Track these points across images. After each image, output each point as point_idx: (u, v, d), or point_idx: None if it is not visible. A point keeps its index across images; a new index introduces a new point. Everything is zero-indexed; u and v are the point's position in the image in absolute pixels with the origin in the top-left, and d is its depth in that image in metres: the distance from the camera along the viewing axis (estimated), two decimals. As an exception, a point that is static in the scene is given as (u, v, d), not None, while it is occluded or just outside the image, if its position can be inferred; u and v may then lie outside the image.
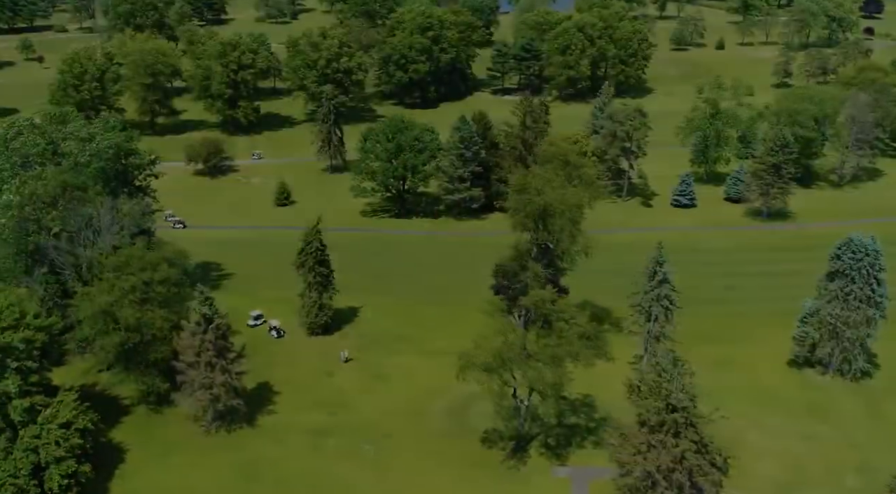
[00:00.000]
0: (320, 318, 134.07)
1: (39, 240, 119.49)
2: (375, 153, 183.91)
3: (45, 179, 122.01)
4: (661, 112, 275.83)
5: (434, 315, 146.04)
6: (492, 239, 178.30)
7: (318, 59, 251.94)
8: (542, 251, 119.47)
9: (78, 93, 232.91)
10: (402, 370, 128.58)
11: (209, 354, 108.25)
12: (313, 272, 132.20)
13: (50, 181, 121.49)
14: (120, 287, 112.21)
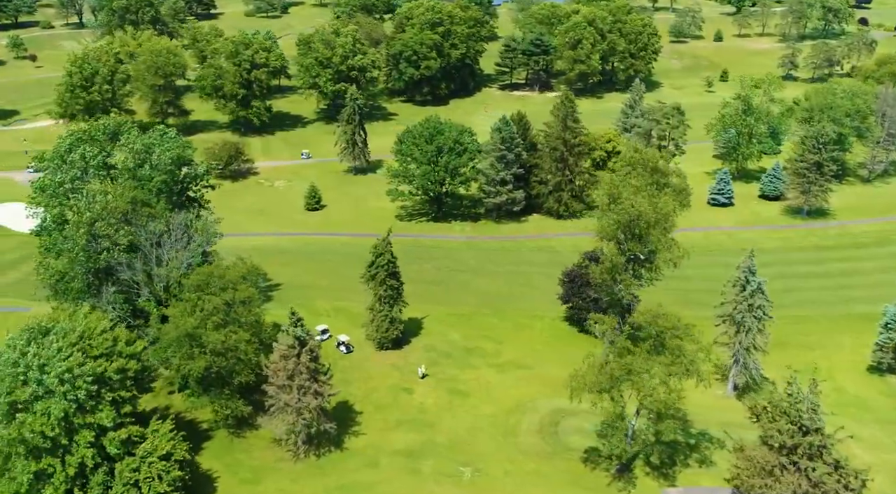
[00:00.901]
0: (391, 332, 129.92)
1: (111, 258, 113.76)
2: (414, 156, 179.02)
3: (114, 194, 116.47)
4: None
5: (496, 325, 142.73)
6: (535, 242, 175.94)
7: (331, 57, 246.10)
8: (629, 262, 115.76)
9: (88, 95, 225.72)
10: (479, 385, 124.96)
11: (303, 378, 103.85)
12: (385, 285, 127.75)
13: (120, 196, 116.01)
14: (202, 308, 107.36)
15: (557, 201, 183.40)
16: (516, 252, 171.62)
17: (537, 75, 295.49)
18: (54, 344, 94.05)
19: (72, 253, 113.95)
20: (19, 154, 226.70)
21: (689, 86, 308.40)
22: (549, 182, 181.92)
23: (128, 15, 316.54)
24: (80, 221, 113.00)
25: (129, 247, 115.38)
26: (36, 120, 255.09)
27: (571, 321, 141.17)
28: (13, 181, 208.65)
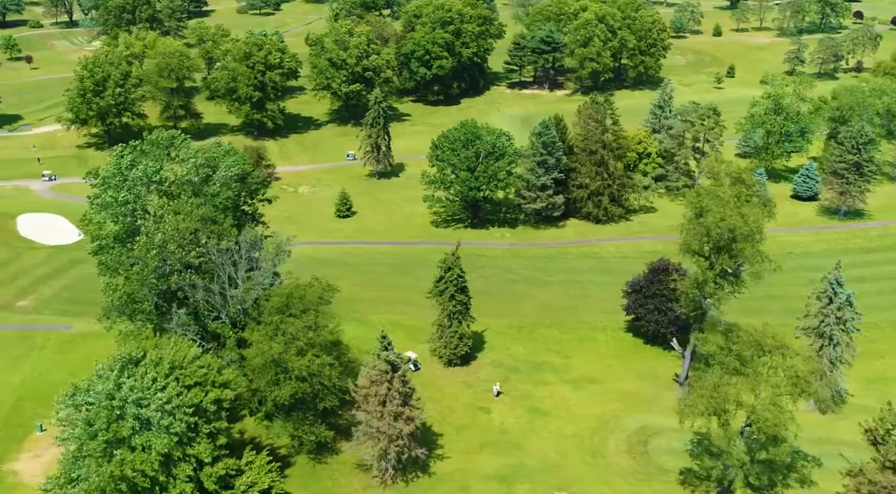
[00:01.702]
0: (461, 349, 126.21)
1: (182, 280, 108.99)
2: (452, 162, 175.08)
3: (184, 213, 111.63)
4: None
5: (559, 338, 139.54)
6: (579, 249, 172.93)
7: (346, 58, 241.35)
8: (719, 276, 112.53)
9: (101, 100, 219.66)
10: (556, 402, 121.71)
11: (396, 403, 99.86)
12: (454, 300, 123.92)
13: (189, 214, 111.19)
14: (284, 332, 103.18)
15: (597, 206, 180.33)
16: (562, 259, 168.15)
17: (546, 73, 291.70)
18: (149, 374, 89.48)
19: (141, 275, 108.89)
20: (30, 161, 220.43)
21: (697, 83, 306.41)
22: (588, 186, 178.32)
23: (124, 14, 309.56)
24: (151, 242, 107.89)
25: (199, 267, 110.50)
26: (41, 125, 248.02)
27: (635, 332, 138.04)
28: (30, 190, 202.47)
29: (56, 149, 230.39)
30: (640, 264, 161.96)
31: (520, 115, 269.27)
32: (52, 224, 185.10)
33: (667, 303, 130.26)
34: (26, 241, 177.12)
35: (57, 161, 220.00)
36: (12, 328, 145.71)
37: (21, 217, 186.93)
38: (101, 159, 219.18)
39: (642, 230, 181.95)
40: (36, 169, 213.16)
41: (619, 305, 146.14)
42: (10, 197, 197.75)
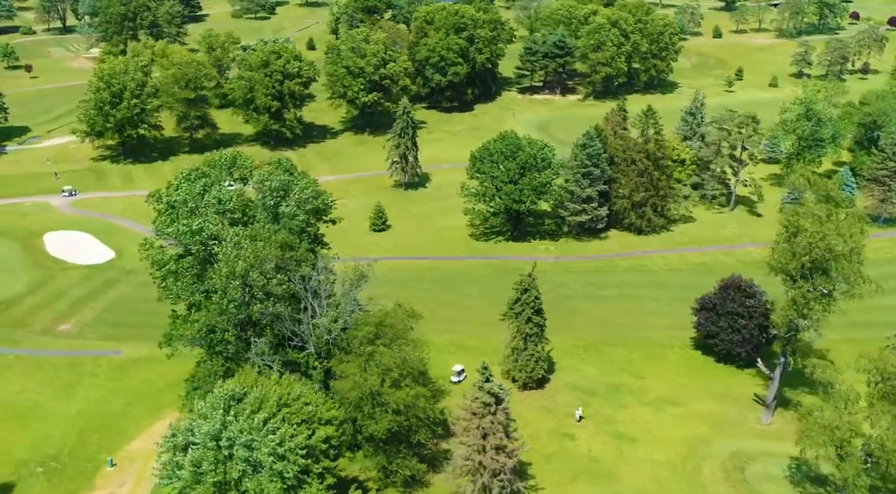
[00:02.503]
0: (537, 372, 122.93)
1: (265, 309, 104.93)
2: (494, 174, 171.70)
3: (264, 240, 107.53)
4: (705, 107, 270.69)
5: (627, 357, 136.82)
6: (627, 261, 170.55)
7: (364, 66, 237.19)
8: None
9: (118, 112, 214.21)
10: (640, 426, 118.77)
11: (499, 436, 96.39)
12: (531, 323, 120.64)
13: (269, 241, 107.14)
14: (378, 363, 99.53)
15: (640, 216, 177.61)
16: (612, 273, 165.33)
17: (559, 77, 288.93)
18: (259, 414, 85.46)
19: (221, 305, 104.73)
20: (47, 175, 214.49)
21: (707, 86, 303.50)
22: (631, 197, 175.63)
23: (126, 22, 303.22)
24: (233, 271, 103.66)
25: (281, 296, 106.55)
26: (51, 137, 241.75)
27: (705, 350, 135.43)
28: (51, 206, 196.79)
29: (70, 163, 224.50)
30: (692, 277, 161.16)
31: (535, 121, 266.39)
32: (81, 242, 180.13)
33: (740, 321, 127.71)
34: (57, 261, 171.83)
35: (73, 175, 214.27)
36: (59, 354, 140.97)
37: (48, 235, 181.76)
38: (118, 172, 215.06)
39: (685, 241, 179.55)
40: (54, 184, 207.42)
41: (680, 321, 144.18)
42: (33, 214, 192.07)
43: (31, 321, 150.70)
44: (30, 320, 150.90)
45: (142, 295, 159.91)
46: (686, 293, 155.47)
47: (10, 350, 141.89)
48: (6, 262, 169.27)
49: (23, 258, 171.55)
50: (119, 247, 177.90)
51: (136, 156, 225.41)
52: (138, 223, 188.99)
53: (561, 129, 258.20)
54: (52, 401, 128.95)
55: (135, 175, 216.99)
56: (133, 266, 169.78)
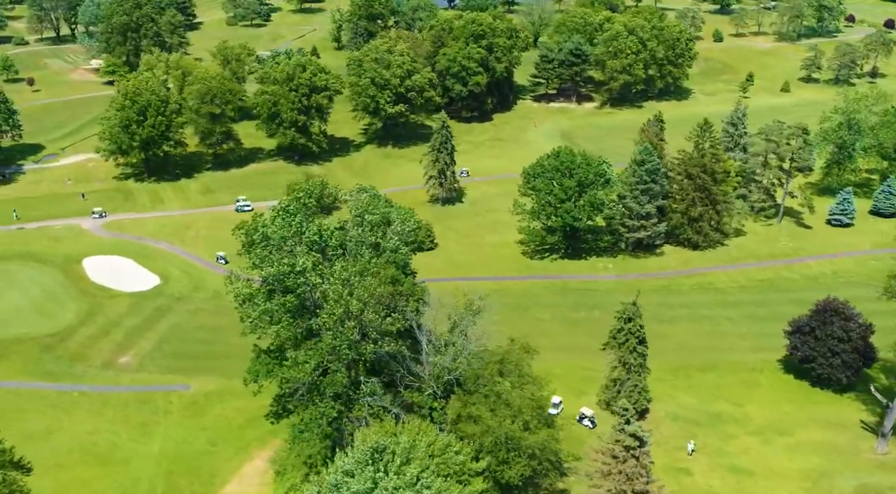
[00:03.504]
0: (640, 402, 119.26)
1: (379, 349, 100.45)
2: (551, 190, 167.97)
3: (371, 274, 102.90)
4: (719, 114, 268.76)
5: (719, 382, 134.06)
6: (690, 279, 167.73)
7: (389, 78, 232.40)
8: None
9: (143, 130, 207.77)
10: (753, 459, 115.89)
11: (643, 481, 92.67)
12: (635, 353, 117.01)
13: (379, 277, 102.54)
14: (509, 404, 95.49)
15: (697, 232, 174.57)
16: (678, 291, 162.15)
17: (575, 85, 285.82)
18: (409, 468, 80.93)
19: (335, 346, 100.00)
20: (72, 196, 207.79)
21: (719, 92, 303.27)
22: (689, 212, 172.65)
23: (129, 32, 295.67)
24: (348, 311, 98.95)
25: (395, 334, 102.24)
26: (67, 154, 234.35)
27: (797, 373, 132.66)
28: (83, 229, 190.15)
29: (91, 182, 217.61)
30: (759, 294, 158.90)
31: (556, 131, 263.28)
32: (122, 267, 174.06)
33: (840, 345, 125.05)
34: (102, 288, 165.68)
35: (99, 195, 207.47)
36: (125, 389, 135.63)
37: (87, 261, 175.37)
38: (144, 192, 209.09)
39: (742, 255, 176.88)
40: (82, 205, 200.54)
41: (761, 342, 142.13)
42: (66, 237, 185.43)
43: (89, 354, 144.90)
44: (87, 353, 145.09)
45: (195, 323, 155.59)
46: (758, 311, 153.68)
47: (73, 386, 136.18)
48: (51, 291, 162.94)
49: (66, 286, 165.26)
50: (162, 272, 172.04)
51: (159, 174, 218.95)
52: (175, 245, 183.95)
53: (584, 139, 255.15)
54: (130, 442, 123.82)
55: (162, 194, 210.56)
56: (181, 292, 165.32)
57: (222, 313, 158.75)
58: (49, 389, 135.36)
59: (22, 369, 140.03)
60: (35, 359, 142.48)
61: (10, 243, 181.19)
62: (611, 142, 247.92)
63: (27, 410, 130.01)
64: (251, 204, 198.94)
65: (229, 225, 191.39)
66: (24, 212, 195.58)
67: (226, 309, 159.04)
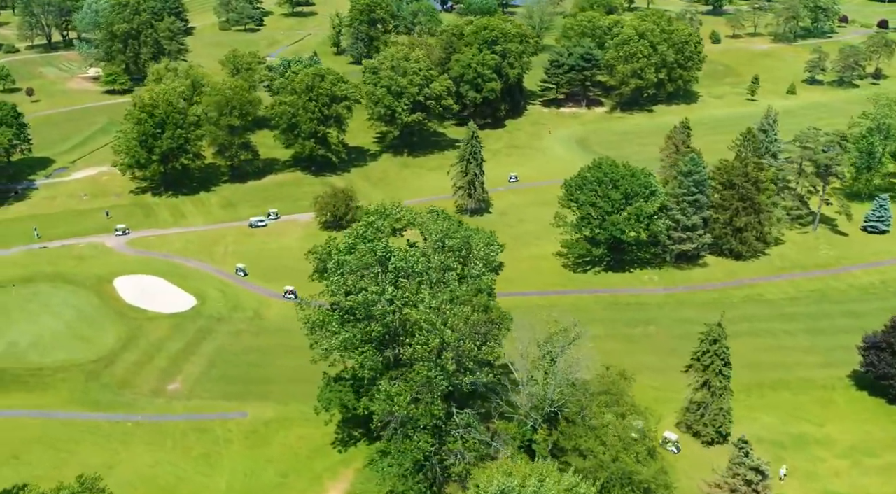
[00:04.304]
0: (725, 426, 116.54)
1: (477, 380, 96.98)
2: (594, 202, 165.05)
3: (461, 301, 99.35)
4: (730, 117, 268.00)
5: (793, 401, 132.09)
6: (740, 291, 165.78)
7: (407, 86, 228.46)
8: None
9: (162, 143, 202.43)
10: (847, 483, 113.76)
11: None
12: (721, 375, 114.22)
13: (472, 305, 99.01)
14: (621, 436, 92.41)
15: (742, 242, 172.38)
16: (730, 305, 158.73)
17: (585, 89, 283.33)
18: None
19: (430, 377, 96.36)
20: (91, 212, 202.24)
21: (726, 95, 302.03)
22: (733, 222, 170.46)
23: (130, 40, 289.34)
24: (445, 342, 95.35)
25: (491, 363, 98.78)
26: (78, 168, 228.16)
27: (871, 390, 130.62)
28: (107, 247, 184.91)
29: (108, 197, 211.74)
30: (813, 306, 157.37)
31: (571, 137, 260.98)
32: (155, 287, 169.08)
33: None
34: (138, 310, 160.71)
35: (118, 211, 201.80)
36: (180, 418, 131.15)
37: (118, 281, 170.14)
38: (164, 206, 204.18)
39: (786, 265, 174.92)
40: (103, 222, 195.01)
41: (827, 357, 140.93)
42: (91, 256, 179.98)
43: (136, 380, 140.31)
44: (134, 380, 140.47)
45: (240, 346, 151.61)
46: (816, 324, 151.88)
47: (126, 415, 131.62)
48: (87, 314, 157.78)
49: (101, 308, 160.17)
50: (198, 291, 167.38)
51: (176, 188, 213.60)
52: (205, 263, 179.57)
53: (600, 145, 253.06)
54: (195, 474, 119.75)
55: (183, 209, 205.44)
56: (220, 313, 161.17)
57: (264, 334, 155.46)
58: (101, 419, 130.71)
59: (69, 398, 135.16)
60: (81, 388, 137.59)
61: (35, 263, 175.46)
62: (629, 148, 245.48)
63: (81, 442, 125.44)
64: (265, 219, 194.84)
65: (255, 240, 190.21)
66: (44, 229, 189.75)
67: (267, 329, 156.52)
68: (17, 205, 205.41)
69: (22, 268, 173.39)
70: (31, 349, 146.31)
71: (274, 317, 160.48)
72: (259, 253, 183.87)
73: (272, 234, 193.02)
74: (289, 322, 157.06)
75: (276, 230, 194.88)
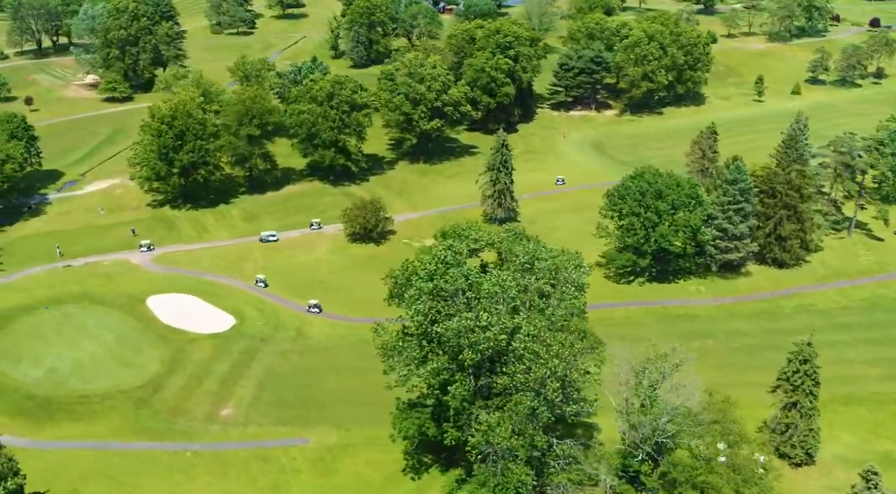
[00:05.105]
0: (814, 447, 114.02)
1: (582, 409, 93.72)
2: (639, 212, 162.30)
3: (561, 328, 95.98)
4: (740, 120, 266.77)
5: (872, 418, 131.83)
6: (789, 301, 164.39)
7: (425, 92, 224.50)
8: None
9: (183, 156, 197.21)
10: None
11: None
12: (811, 396, 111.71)
13: (573, 331, 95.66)
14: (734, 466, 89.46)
15: (786, 250, 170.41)
16: (782, 316, 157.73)
17: (595, 92, 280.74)
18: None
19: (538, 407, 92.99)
20: (109, 228, 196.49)
21: (732, 96, 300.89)
22: (777, 230, 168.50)
23: (127, 47, 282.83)
24: (553, 373, 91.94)
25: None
26: (88, 181, 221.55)
27: None
28: (133, 264, 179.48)
29: (125, 211, 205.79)
30: (866, 316, 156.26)
31: (586, 141, 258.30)
32: (190, 306, 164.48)
33: None
34: (177, 331, 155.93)
35: (140, 226, 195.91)
36: (240, 446, 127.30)
37: (151, 300, 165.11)
38: (186, 220, 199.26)
39: (829, 273, 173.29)
40: (126, 238, 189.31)
41: (893, 370, 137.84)
42: (119, 274, 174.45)
43: (187, 407, 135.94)
44: (185, 406, 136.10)
45: (288, 367, 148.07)
46: (873, 335, 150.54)
47: (183, 444, 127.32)
48: (126, 337, 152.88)
49: (140, 330, 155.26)
50: (235, 310, 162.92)
51: (194, 200, 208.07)
52: (237, 280, 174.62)
53: (616, 149, 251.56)
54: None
55: (204, 222, 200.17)
56: (262, 332, 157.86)
57: (310, 354, 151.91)
58: (157, 449, 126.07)
59: (122, 427, 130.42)
60: (132, 416, 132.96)
61: (63, 283, 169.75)
62: (646, 152, 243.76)
63: (142, 474, 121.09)
64: (276, 233, 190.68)
65: (283, 254, 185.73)
66: (64, 246, 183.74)
67: (312, 349, 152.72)
68: (32, 220, 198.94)
69: (48, 288, 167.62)
70: (74, 375, 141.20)
71: (317, 336, 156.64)
72: (289, 269, 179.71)
73: (301, 248, 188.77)
74: (333, 340, 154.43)
75: (305, 243, 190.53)
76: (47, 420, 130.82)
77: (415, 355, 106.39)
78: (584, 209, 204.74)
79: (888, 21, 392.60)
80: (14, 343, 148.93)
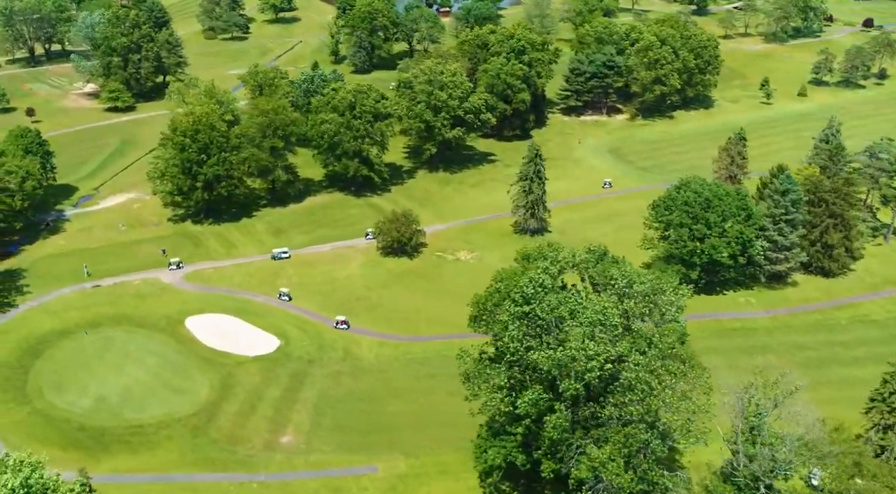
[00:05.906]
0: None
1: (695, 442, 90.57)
2: (687, 224, 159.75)
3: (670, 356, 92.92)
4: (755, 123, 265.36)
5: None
6: (843, 311, 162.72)
7: (447, 100, 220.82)
8: None
9: (208, 170, 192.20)
10: None
11: None
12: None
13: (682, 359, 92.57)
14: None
15: (833, 259, 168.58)
16: (838, 328, 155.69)
17: (607, 96, 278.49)
18: None
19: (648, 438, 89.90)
20: (133, 245, 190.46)
21: (741, 99, 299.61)
22: (824, 239, 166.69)
23: (130, 55, 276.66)
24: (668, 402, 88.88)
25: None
26: (103, 196, 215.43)
27: None
28: (164, 283, 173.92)
29: (146, 227, 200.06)
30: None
31: (602, 147, 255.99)
32: (231, 327, 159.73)
33: None
34: (222, 354, 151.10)
35: (165, 243, 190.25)
36: (307, 476, 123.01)
37: (189, 321, 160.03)
38: (211, 236, 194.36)
39: (877, 282, 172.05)
40: (154, 256, 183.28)
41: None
42: (151, 294, 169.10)
43: (245, 434, 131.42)
44: (243, 434, 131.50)
45: (342, 390, 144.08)
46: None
47: (247, 475, 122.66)
48: (171, 361, 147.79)
49: (184, 354, 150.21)
50: (278, 331, 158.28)
51: (216, 214, 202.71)
52: (271, 297, 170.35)
53: (634, 154, 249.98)
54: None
55: (230, 237, 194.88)
56: (309, 354, 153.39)
57: (362, 376, 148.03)
58: (222, 480, 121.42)
59: (180, 459, 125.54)
60: (190, 446, 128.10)
61: (96, 304, 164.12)
62: (665, 157, 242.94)
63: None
64: (287, 250, 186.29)
65: (317, 270, 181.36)
66: (91, 265, 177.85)
67: (364, 370, 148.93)
68: (52, 238, 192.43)
69: (82, 311, 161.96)
70: (125, 404, 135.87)
71: (366, 356, 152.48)
72: (325, 286, 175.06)
73: (334, 263, 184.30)
74: (383, 361, 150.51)
75: (338, 257, 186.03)
76: (102, 453, 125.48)
77: (500, 383, 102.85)
78: (614, 217, 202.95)
79: (880, 20, 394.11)
80: (56, 370, 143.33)
